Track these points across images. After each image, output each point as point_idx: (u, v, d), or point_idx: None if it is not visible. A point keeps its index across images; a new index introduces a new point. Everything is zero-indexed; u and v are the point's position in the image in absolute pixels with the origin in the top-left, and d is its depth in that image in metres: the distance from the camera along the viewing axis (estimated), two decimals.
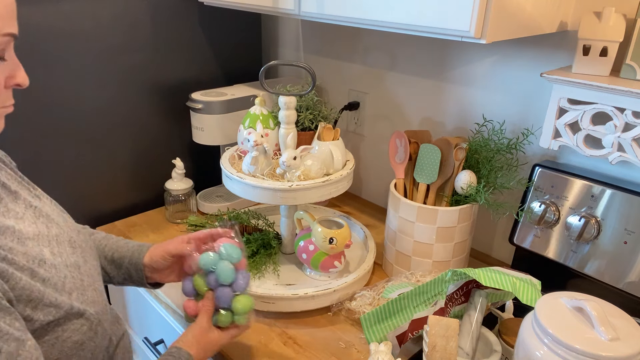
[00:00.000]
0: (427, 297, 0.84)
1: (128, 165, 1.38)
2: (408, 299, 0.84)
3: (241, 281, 0.79)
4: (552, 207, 0.97)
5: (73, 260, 0.68)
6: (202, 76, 1.44)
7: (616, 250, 0.90)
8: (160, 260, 0.84)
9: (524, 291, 0.77)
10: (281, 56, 1.64)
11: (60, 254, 0.66)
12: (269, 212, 1.35)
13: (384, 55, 1.33)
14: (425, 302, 0.84)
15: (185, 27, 1.36)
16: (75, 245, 0.71)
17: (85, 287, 0.67)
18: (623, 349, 0.59)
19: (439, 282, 0.82)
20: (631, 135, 0.83)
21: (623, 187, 0.90)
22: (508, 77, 1.09)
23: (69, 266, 0.66)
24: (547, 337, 0.63)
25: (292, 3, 1.02)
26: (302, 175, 1.01)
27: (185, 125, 1.41)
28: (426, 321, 0.76)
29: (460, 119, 1.20)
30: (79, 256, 0.70)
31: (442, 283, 0.82)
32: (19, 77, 0.60)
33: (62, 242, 0.68)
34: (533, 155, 1.09)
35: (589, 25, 0.84)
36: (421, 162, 1.05)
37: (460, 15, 0.75)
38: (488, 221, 1.22)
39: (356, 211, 1.44)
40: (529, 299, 0.75)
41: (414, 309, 0.84)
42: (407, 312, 0.85)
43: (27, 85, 0.61)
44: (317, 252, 1.04)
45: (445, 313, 0.85)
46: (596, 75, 0.86)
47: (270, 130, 1.11)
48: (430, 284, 0.83)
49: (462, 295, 0.86)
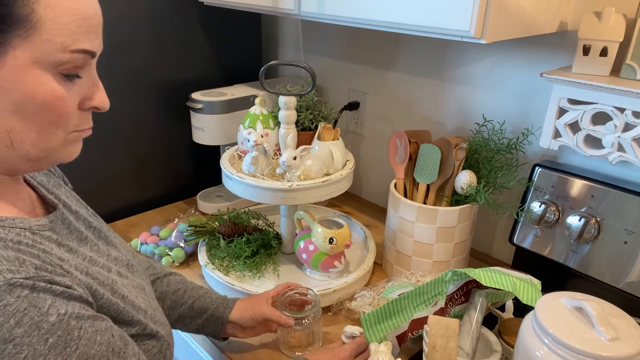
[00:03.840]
0: (427, 297, 0.84)
1: (128, 165, 1.37)
2: (408, 299, 0.84)
3: None
4: (552, 207, 0.97)
5: (137, 282, 0.66)
6: (202, 76, 1.44)
7: (616, 250, 0.90)
8: (250, 321, 0.85)
9: (524, 291, 0.76)
10: (281, 56, 1.64)
11: (126, 275, 0.64)
12: (269, 212, 1.35)
13: (384, 55, 1.33)
14: (425, 302, 0.84)
15: (185, 27, 1.36)
16: (134, 270, 0.69)
17: (154, 308, 0.65)
18: (623, 349, 0.59)
19: (439, 283, 0.82)
20: (631, 135, 0.83)
21: (623, 187, 0.90)
22: (508, 77, 1.09)
23: (136, 287, 0.64)
24: (547, 337, 0.63)
25: (292, 3, 1.01)
26: (302, 175, 1.01)
27: (185, 125, 1.41)
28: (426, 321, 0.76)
29: (460, 119, 1.20)
30: (140, 279, 0.68)
31: (442, 283, 0.82)
32: (97, 99, 0.55)
33: (122, 265, 0.66)
34: (533, 155, 1.09)
35: (589, 25, 0.84)
36: (421, 162, 1.05)
37: (460, 15, 0.75)
38: (488, 221, 1.22)
39: (356, 211, 1.44)
40: (529, 299, 0.75)
41: (414, 309, 0.84)
42: (407, 312, 0.85)
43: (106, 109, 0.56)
44: (317, 252, 1.04)
45: (446, 313, 0.85)
46: (596, 75, 0.86)
47: (270, 130, 1.11)
48: (430, 284, 0.83)
49: (462, 295, 0.86)
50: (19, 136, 0.50)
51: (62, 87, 0.50)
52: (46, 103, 0.49)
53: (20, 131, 0.50)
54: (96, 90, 0.55)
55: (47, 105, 0.49)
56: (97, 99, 0.55)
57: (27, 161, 0.52)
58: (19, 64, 0.47)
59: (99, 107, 0.55)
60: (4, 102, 0.48)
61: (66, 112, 0.51)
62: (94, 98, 0.54)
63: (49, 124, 0.51)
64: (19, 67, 0.47)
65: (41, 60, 0.48)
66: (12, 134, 0.50)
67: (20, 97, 0.48)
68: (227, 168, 1.06)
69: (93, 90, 0.54)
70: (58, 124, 0.51)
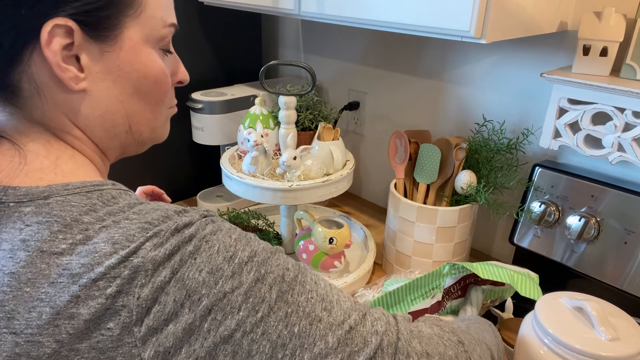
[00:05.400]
0: (425, 290, 0.84)
1: (127, 165, 1.37)
2: (405, 291, 0.85)
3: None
4: (552, 207, 0.97)
5: None
6: (202, 76, 1.44)
7: (616, 250, 0.90)
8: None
9: (522, 284, 0.77)
10: (281, 56, 1.64)
11: None
12: (269, 212, 1.35)
13: (384, 55, 1.33)
14: (422, 295, 0.84)
15: (185, 27, 1.36)
16: None
17: None
18: (623, 349, 0.59)
19: (436, 276, 0.83)
20: (631, 135, 0.83)
21: (623, 187, 0.90)
22: (508, 77, 1.09)
23: None
24: (547, 337, 0.63)
25: (292, 3, 1.01)
26: (302, 175, 1.01)
27: (185, 125, 1.41)
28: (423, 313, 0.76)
29: (460, 119, 1.20)
30: None
31: (440, 276, 0.83)
32: (181, 73, 0.58)
33: None
34: (533, 155, 1.09)
35: (589, 25, 0.84)
36: (421, 162, 1.05)
37: (460, 15, 0.75)
38: (488, 221, 1.22)
39: (356, 211, 1.44)
40: (527, 292, 0.75)
41: (412, 301, 0.85)
42: (405, 304, 0.85)
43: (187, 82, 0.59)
44: (317, 252, 1.04)
45: (442, 307, 0.85)
46: (596, 75, 0.86)
47: (270, 130, 1.11)
48: (427, 277, 0.83)
49: (459, 290, 0.86)
50: (136, 118, 0.52)
51: (162, 62, 0.52)
52: (157, 80, 0.51)
53: (138, 113, 0.52)
54: (179, 65, 0.57)
55: (159, 82, 0.51)
56: (180, 73, 0.57)
57: (138, 144, 0.55)
58: (134, 44, 0.48)
59: (183, 80, 0.58)
60: (125, 85, 0.49)
61: (169, 88, 0.54)
62: (178, 72, 0.57)
63: (157, 102, 0.53)
64: (134, 47, 0.48)
65: (149, 37, 0.50)
66: (131, 117, 0.51)
67: (137, 77, 0.50)
68: (227, 168, 1.06)
69: (178, 65, 0.57)
70: (163, 101, 0.54)
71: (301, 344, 0.42)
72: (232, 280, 0.42)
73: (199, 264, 0.42)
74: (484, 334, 0.61)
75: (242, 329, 0.41)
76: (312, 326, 0.43)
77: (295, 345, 0.42)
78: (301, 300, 0.44)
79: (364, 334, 0.45)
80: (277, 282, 0.43)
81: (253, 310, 0.41)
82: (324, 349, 0.43)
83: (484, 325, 0.65)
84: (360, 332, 0.45)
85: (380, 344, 0.45)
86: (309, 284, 0.46)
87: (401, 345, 0.47)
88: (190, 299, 0.40)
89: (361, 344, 0.44)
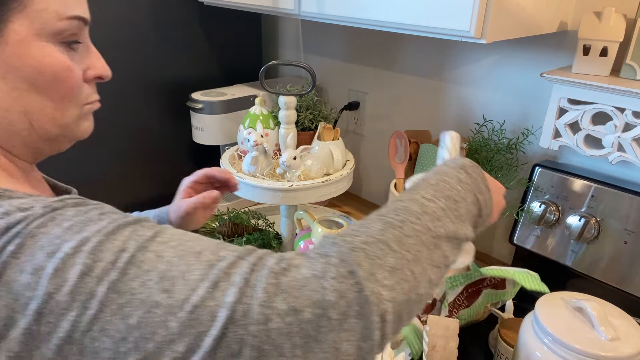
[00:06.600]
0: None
1: (127, 165, 1.37)
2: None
3: None
4: (552, 207, 0.97)
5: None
6: (202, 76, 1.44)
7: (616, 250, 0.90)
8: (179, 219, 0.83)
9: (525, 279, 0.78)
10: (281, 56, 1.64)
11: None
12: (269, 212, 1.35)
13: (384, 55, 1.33)
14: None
15: (185, 27, 1.36)
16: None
17: None
18: (623, 349, 0.59)
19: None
20: (631, 135, 0.83)
21: (623, 187, 0.90)
22: (508, 77, 1.09)
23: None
24: (547, 337, 0.63)
25: (292, 3, 1.01)
26: (302, 175, 1.01)
27: (185, 125, 1.41)
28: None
29: (460, 119, 1.20)
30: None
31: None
32: (99, 67, 0.55)
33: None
34: (533, 155, 1.09)
35: (589, 25, 0.84)
36: (421, 162, 1.05)
37: (460, 15, 0.75)
38: None
39: (356, 211, 1.44)
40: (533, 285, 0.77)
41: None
42: None
43: (109, 78, 0.57)
44: None
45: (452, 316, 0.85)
46: (596, 75, 0.86)
47: (270, 130, 1.11)
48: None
49: (464, 300, 0.86)
50: (37, 115, 0.50)
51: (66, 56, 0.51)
52: (56, 74, 0.50)
53: (37, 110, 0.50)
54: (96, 59, 0.56)
55: (57, 76, 0.50)
56: (99, 67, 0.56)
57: (48, 141, 0.53)
58: (21, 38, 0.47)
59: (102, 75, 0.56)
60: (16, 80, 0.48)
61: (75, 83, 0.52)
62: (95, 67, 0.55)
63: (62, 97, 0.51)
64: (22, 41, 0.47)
65: (41, 31, 0.48)
66: (30, 114, 0.50)
67: (30, 73, 0.48)
68: (227, 168, 1.06)
69: (93, 60, 0.55)
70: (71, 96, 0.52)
71: (142, 335, 0.39)
72: (55, 278, 0.38)
73: (22, 264, 0.39)
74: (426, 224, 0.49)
75: (79, 329, 0.38)
76: (150, 314, 0.39)
77: (135, 337, 0.38)
78: (135, 286, 0.39)
79: (212, 309, 0.39)
80: (107, 271, 0.39)
81: (84, 308, 0.38)
82: (166, 335, 0.38)
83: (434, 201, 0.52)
84: (208, 307, 0.39)
85: (231, 317, 0.38)
86: (148, 263, 0.41)
87: (258, 311, 0.39)
88: (18, 303, 0.38)
89: (208, 322, 0.39)
